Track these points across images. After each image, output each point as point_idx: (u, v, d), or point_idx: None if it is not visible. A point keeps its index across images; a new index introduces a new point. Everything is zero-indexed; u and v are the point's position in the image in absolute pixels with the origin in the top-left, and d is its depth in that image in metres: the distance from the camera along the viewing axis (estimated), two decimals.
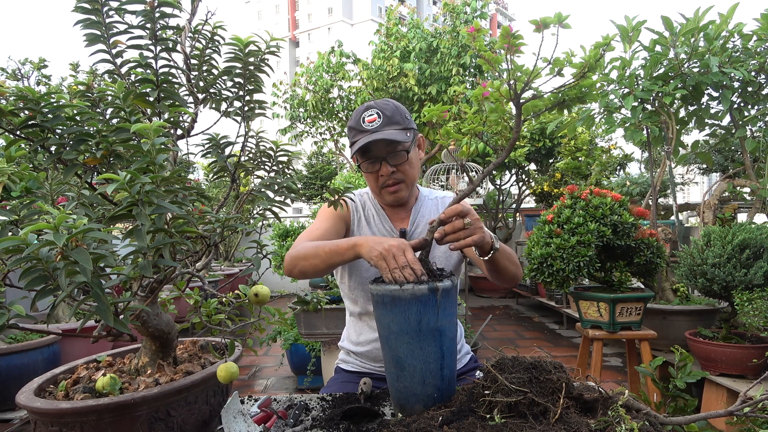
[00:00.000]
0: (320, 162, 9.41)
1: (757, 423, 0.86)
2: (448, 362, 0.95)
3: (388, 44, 6.26)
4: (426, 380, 0.93)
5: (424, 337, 0.92)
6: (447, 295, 0.93)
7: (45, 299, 0.63)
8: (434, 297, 0.91)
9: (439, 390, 0.93)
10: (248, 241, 1.07)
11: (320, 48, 8.45)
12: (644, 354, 2.26)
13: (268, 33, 1.01)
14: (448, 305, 0.94)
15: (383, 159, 1.36)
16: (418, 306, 0.91)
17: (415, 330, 0.92)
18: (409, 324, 0.92)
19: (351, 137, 1.39)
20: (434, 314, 0.92)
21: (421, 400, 0.94)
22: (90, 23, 0.86)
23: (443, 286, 0.92)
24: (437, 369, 0.93)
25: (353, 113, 1.42)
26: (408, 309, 0.92)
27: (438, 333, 0.92)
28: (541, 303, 5.34)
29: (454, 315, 0.98)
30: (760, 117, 2.83)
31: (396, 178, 1.38)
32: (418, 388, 0.94)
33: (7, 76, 3.23)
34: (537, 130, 5.98)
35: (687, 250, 2.40)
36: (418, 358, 0.93)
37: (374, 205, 1.50)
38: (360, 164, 1.40)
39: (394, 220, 1.48)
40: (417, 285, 0.91)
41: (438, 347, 0.93)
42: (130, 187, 0.68)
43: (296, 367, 3.29)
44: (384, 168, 1.37)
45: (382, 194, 1.42)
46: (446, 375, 0.94)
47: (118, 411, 0.77)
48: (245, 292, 0.94)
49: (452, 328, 0.96)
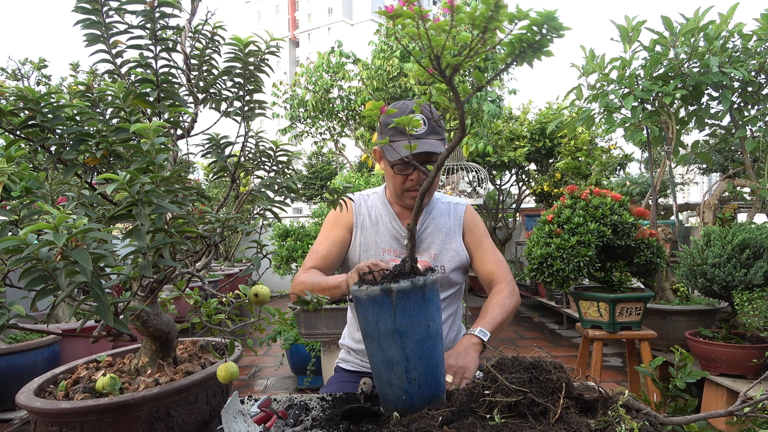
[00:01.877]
0: (320, 162, 9.42)
1: (757, 423, 0.86)
2: (415, 365, 0.91)
3: (387, 44, 6.26)
4: (392, 382, 0.93)
5: (383, 338, 0.91)
6: (405, 296, 0.90)
7: (45, 299, 0.63)
8: (388, 298, 0.89)
9: (407, 393, 0.92)
10: (248, 241, 1.07)
11: (320, 48, 8.45)
12: (644, 354, 2.26)
13: (268, 33, 1.01)
14: (409, 307, 0.90)
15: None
16: (374, 307, 0.91)
17: (374, 330, 0.92)
18: (369, 325, 0.93)
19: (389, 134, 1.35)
20: (390, 316, 0.90)
21: (392, 401, 0.94)
22: (90, 23, 0.86)
23: (398, 287, 0.89)
24: (401, 371, 0.91)
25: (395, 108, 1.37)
26: (366, 310, 0.92)
27: (398, 335, 0.90)
28: (541, 303, 5.35)
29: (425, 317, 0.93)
30: (760, 117, 2.83)
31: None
32: (386, 389, 0.94)
33: (7, 76, 3.23)
34: (537, 130, 5.99)
35: (687, 250, 2.40)
36: (381, 359, 0.93)
37: (384, 204, 1.50)
38: (393, 165, 1.38)
39: (403, 219, 1.47)
40: (371, 286, 0.91)
41: (400, 349, 0.91)
42: (129, 187, 0.68)
43: (296, 367, 3.29)
44: (416, 174, 1.37)
45: (404, 197, 1.42)
46: (414, 378, 0.91)
47: (118, 411, 0.77)
48: (245, 292, 0.93)
49: (419, 330, 0.92)
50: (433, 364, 0.94)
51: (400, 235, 1.44)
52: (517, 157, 5.67)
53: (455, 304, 1.50)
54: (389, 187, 1.47)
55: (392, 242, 1.45)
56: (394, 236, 1.45)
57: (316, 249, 1.45)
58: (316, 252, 1.44)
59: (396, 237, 1.45)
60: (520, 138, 5.98)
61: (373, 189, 1.56)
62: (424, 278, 0.92)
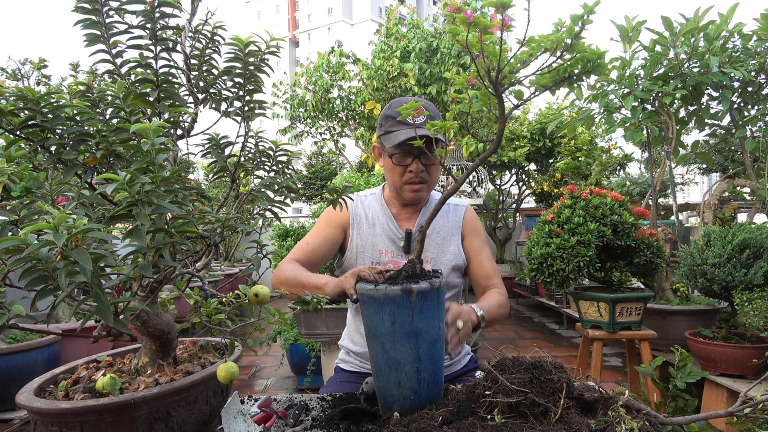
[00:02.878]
0: (320, 162, 9.42)
1: (757, 423, 0.86)
2: (426, 365, 0.93)
3: (388, 44, 6.26)
4: (401, 382, 0.93)
5: (398, 338, 0.92)
6: (424, 297, 0.91)
7: (45, 299, 0.63)
8: (408, 299, 0.90)
9: (415, 393, 0.93)
10: (248, 241, 1.07)
11: (320, 48, 8.45)
12: (644, 354, 2.26)
13: (268, 33, 1.01)
14: (426, 308, 0.92)
15: (418, 156, 1.35)
16: (392, 307, 0.91)
17: (388, 331, 0.92)
18: (383, 324, 0.93)
19: (388, 127, 1.36)
20: (408, 316, 0.91)
21: (398, 401, 0.94)
22: (90, 23, 0.86)
23: (418, 288, 0.91)
24: (413, 371, 0.92)
25: (394, 102, 1.39)
26: (381, 309, 0.93)
27: (413, 335, 0.91)
28: (541, 303, 5.34)
29: (437, 318, 0.95)
30: (760, 117, 2.83)
31: (422, 177, 1.39)
32: (393, 389, 0.94)
33: (7, 76, 3.23)
34: (537, 130, 5.99)
35: (687, 250, 2.40)
36: (393, 359, 0.93)
37: (381, 206, 1.49)
38: (392, 155, 1.38)
39: (400, 221, 1.47)
40: (390, 286, 0.92)
41: (414, 350, 0.92)
42: (129, 187, 0.68)
43: (296, 367, 3.29)
44: (416, 165, 1.36)
45: (403, 190, 1.41)
46: (424, 378, 0.93)
47: (118, 411, 0.77)
48: (245, 292, 0.93)
49: (431, 331, 0.94)
50: (440, 365, 0.97)
51: (397, 237, 1.44)
52: (517, 157, 5.67)
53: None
54: (389, 182, 1.47)
55: (389, 243, 1.44)
56: (390, 238, 1.45)
57: (306, 241, 1.45)
58: (306, 244, 1.44)
59: (392, 239, 1.45)
60: (520, 138, 5.98)
61: (371, 190, 1.56)
62: (439, 280, 0.94)
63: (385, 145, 1.36)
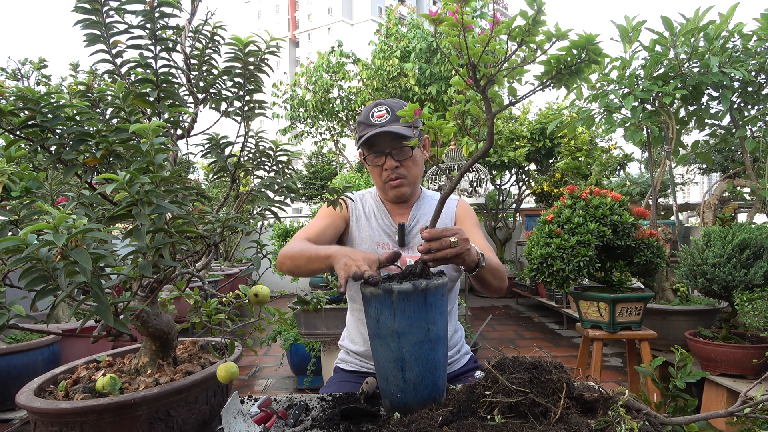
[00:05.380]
0: (320, 162, 9.42)
1: (757, 423, 0.86)
2: (411, 366, 0.93)
3: (388, 44, 6.26)
4: (388, 378, 0.95)
5: (382, 336, 0.94)
6: (406, 298, 0.92)
7: (45, 299, 0.63)
8: (389, 298, 0.92)
9: (402, 392, 0.94)
10: (248, 241, 1.07)
11: (320, 48, 8.45)
12: (644, 354, 2.26)
13: (268, 33, 1.01)
14: (409, 309, 0.92)
15: (388, 153, 1.40)
16: (376, 305, 0.94)
17: (375, 328, 0.95)
18: (371, 322, 0.96)
19: (359, 131, 1.43)
20: (390, 315, 0.92)
21: (388, 396, 0.97)
22: (90, 23, 0.86)
23: (399, 288, 0.91)
24: (397, 370, 0.94)
25: (364, 109, 1.46)
26: (369, 307, 0.96)
27: (396, 335, 0.92)
28: (541, 303, 5.34)
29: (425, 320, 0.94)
30: (760, 117, 2.83)
31: (399, 173, 1.43)
32: (383, 384, 0.97)
33: (7, 76, 3.23)
34: (537, 130, 5.99)
35: (687, 250, 2.40)
36: (381, 355, 0.96)
37: (376, 201, 1.55)
38: (366, 158, 1.45)
39: (394, 215, 1.51)
40: (373, 286, 0.94)
41: (396, 349, 0.93)
42: (129, 187, 0.68)
43: (296, 367, 3.29)
44: (388, 162, 1.41)
45: (386, 189, 1.47)
46: (410, 378, 0.93)
47: (118, 411, 0.77)
48: (245, 292, 0.93)
49: (417, 332, 0.93)
50: (431, 367, 0.94)
51: (391, 230, 1.49)
52: (517, 157, 5.67)
53: (451, 302, 1.50)
54: (375, 183, 1.54)
55: (384, 237, 1.49)
56: (385, 231, 1.50)
57: (312, 225, 1.46)
58: (312, 227, 1.45)
59: (387, 232, 1.50)
60: (520, 138, 5.98)
61: (368, 189, 1.62)
62: (426, 282, 0.93)
63: (360, 150, 1.44)
